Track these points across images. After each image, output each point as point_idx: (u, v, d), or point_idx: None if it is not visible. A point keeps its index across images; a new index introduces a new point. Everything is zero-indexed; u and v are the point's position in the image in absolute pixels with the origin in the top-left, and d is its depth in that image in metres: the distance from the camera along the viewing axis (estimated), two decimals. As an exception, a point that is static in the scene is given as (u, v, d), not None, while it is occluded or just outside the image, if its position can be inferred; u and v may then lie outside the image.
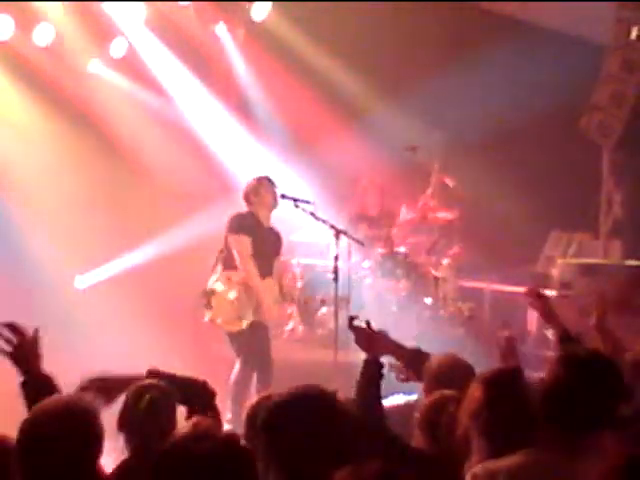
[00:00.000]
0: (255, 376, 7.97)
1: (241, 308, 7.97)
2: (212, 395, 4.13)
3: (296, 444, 3.12)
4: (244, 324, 7.96)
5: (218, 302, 7.96)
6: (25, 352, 3.65)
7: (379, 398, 4.08)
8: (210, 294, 7.98)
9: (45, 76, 9.73)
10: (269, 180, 8.19)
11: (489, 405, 3.52)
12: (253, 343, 8.00)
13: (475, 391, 3.59)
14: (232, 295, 7.97)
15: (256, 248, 8.00)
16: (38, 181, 9.76)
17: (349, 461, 2.82)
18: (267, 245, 8.13)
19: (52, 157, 9.86)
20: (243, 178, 8.64)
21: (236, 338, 7.99)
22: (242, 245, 7.97)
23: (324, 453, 3.11)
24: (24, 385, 3.63)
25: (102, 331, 9.42)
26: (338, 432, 3.17)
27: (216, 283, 8.03)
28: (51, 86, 9.79)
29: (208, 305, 7.98)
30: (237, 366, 7.95)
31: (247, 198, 8.16)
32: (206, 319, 8.04)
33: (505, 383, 3.59)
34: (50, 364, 3.85)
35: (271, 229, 8.24)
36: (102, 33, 9.95)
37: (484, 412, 3.52)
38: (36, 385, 3.59)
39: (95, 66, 10.13)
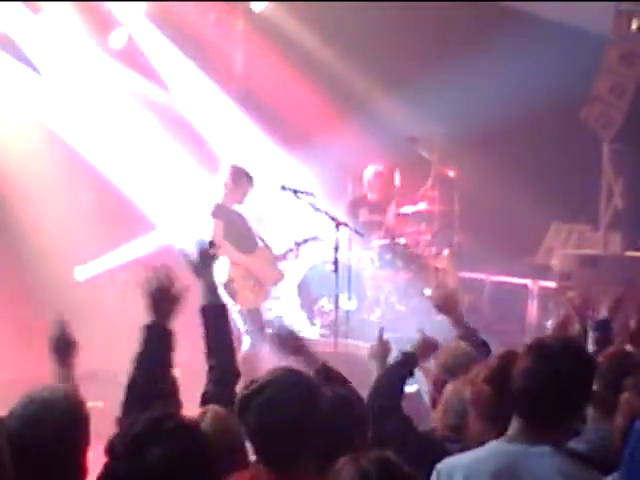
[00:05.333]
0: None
1: (261, 279, 8.33)
2: (237, 375, 3.92)
3: (267, 428, 3.04)
4: (271, 290, 8.50)
5: (240, 285, 8.18)
6: (165, 298, 3.67)
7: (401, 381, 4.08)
8: (231, 282, 8.12)
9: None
10: (247, 173, 8.41)
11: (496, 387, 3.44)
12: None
13: (476, 381, 3.57)
14: (249, 273, 8.27)
15: (237, 228, 8.33)
16: (37, 171, 9.75)
17: (334, 446, 2.77)
18: (243, 223, 8.48)
19: (51, 147, 9.85)
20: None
21: (257, 312, 8.32)
22: (216, 229, 8.19)
23: (300, 436, 3.05)
24: (148, 329, 3.66)
25: (102, 323, 9.43)
26: (314, 416, 3.08)
27: (230, 270, 8.18)
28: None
29: (233, 293, 8.12)
30: (248, 346, 8.12)
31: (225, 183, 8.38)
32: (239, 307, 8.16)
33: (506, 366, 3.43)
34: (47, 357, 3.86)
35: (234, 211, 8.48)
36: (102, 24, 9.95)
37: (490, 397, 3.45)
38: (159, 334, 3.65)
39: (95, 56, 10.12)
